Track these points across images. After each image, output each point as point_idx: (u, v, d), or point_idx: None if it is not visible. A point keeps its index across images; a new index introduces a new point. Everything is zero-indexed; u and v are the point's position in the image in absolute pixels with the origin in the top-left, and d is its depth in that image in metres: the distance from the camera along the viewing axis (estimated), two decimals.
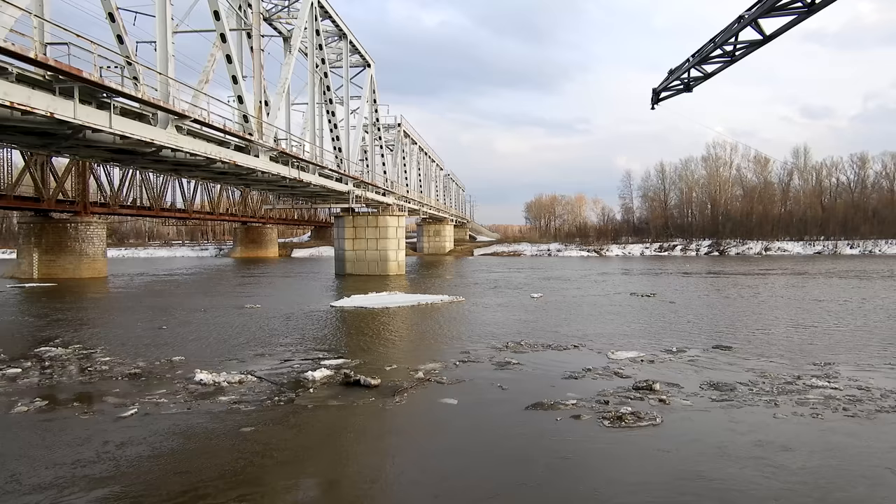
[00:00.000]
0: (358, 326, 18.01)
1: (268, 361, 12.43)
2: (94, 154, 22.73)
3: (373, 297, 25.87)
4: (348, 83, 41.24)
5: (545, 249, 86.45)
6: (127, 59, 18.96)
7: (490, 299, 25.36)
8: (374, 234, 43.12)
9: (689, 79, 18.24)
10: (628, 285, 32.34)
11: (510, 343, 14.20)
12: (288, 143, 30.59)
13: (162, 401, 9.49)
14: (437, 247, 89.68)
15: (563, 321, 18.45)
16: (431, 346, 14.49)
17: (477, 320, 18.88)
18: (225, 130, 23.27)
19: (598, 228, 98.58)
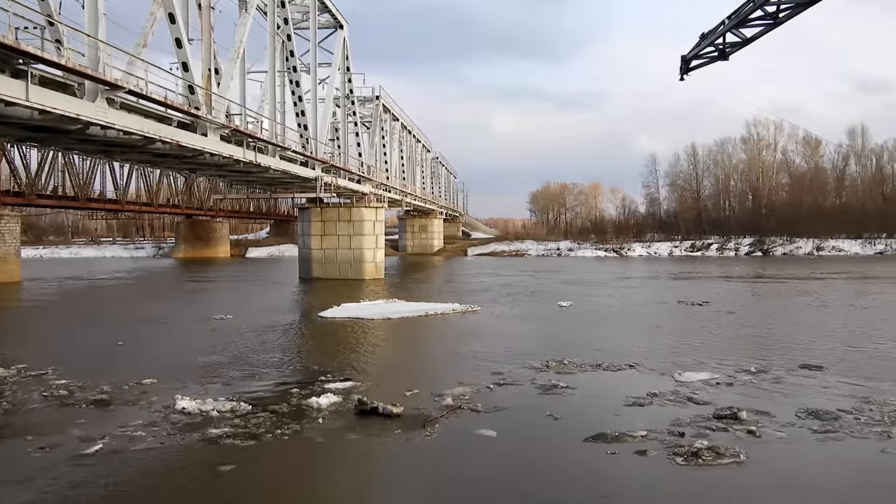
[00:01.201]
0: (358, 342, 18.20)
1: (259, 384, 12.49)
2: (7, 132, 22.63)
3: (368, 305, 26.24)
4: (316, 48, 41.24)
5: (554, 249, 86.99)
6: (48, 18, 18.93)
7: (508, 308, 25.75)
8: (347, 230, 43.23)
9: (724, 45, 18.36)
10: (668, 292, 32.97)
11: (551, 362, 14.38)
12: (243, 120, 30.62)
13: (138, 434, 9.19)
14: (424, 245, 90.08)
15: (606, 335, 18.72)
16: (455, 365, 14.56)
17: (503, 334, 19.12)
18: (166, 104, 23.23)
19: (618, 223, 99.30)
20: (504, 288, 35.63)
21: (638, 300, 29.02)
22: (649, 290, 34.66)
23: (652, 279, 42.49)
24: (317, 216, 43.17)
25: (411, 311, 24.11)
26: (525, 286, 36.81)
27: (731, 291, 33.04)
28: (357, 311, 24.41)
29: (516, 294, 32.05)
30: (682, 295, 30.67)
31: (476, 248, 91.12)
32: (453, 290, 34.34)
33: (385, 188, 55.32)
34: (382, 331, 20.39)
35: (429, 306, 25.40)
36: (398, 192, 62.41)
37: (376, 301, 27.85)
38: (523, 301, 28.72)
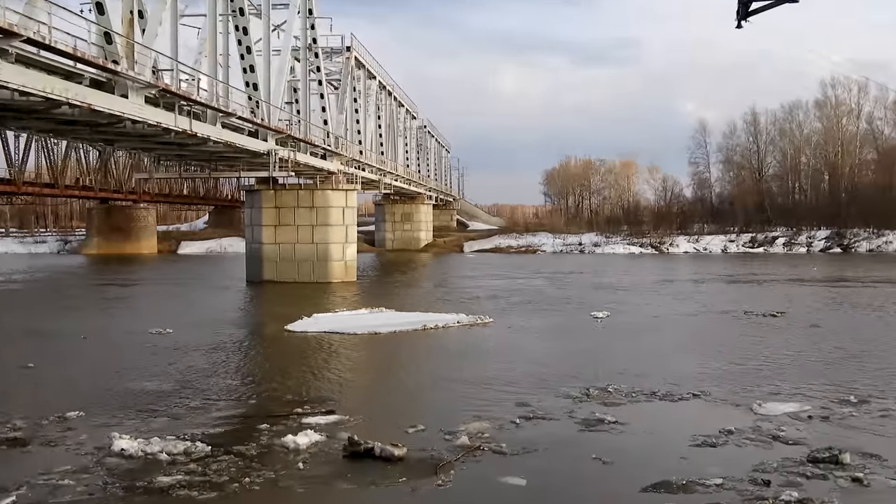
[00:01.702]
0: (341, 363, 18.39)
1: (218, 418, 12.62)
2: None
3: (348, 316, 26.76)
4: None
5: (575, 243, 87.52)
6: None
7: (526, 320, 26.14)
8: (309, 219, 43.42)
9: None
10: (729, 299, 33.25)
11: (592, 389, 14.66)
12: (174, 78, 30.50)
13: (64, 482, 8.99)
14: (408, 239, 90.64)
15: (658, 355, 18.91)
16: (468, 393, 14.49)
17: (524, 353, 19.30)
18: (76, 56, 23.14)
19: (657, 211, 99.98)
20: (515, 294, 35.96)
21: (691, 310, 29.37)
22: (704, 296, 34.98)
23: (705, 282, 42.94)
24: (270, 201, 43.36)
25: (404, 323, 24.45)
26: (543, 292, 37.16)
27: (811, 299, 33.37)
28: (335, 323, 24.71)
29: (533, 302, 32.39)
30: (747, 303, 30.99)
31: (475, 242, 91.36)
32: (450, 298, 34.66)
33: (358, 165, 55.29)
34: (370, 349, 20.61)
35: (426, 317, 25.78)
36: (375, 170, 62.41)
37: (358, 311, 28.27)
38: (544, 311, 29.08)
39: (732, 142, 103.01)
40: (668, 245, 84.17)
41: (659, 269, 56.59)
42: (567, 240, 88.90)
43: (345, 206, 44.22)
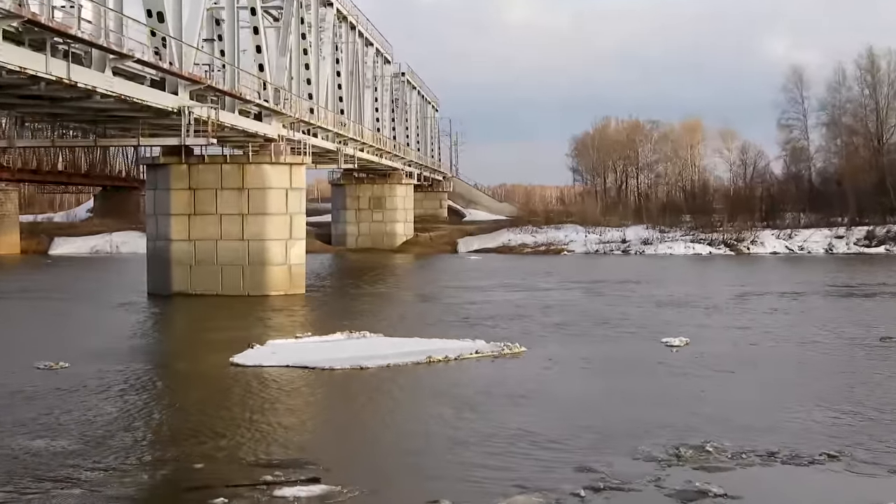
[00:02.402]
0: (317, 409, 18.69)
1: (149, 490, 12.91)
2: None
3: (317, 344, 27.30)
4: None
5: (616, 240, 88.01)
6: None
7: (573, 349, 26.52)
8: (238, 205, 43.46)
9: None
10: (850, 319, 33.46)
11: (683, 448, 14.98)
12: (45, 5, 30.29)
13: None
14: (378, 233, 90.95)
15: (767, 399, 19.18)
16: (505, 452, 14.85)
17: (578, 396, 19.56)
18: None
19: (734, 195, 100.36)
20: (547, 312, 36.15)
21: (802, 335, 29.55)
22: (815, 315, 35.08)
23: (810, 296, 43.20)
24: (181, 180, 43.45)
25: (400, 354, 24.86)
26: (585, 309, 37.47)
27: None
28: (300, 353, 25.11)
29: (575, 323, 32.68)
30: (883, 325, 31.11)
31: (474, 238, 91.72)
32: (451, 318, 34.92)
33: (308, 129, 55.05)
34: (357, 391, 20.79)
35: (431, 346, 26.25)
36: (332, 136, 62.11)
37: (331, 336, 28.69)
38: (594, 336, 29.45)
39: (841, 96, 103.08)
40: (748, 243, 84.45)
41: (740, 276, 56.74)
42: (605, 235, 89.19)
43: (289, 186, 44.24)
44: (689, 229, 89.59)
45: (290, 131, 49.65)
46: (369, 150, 76.38)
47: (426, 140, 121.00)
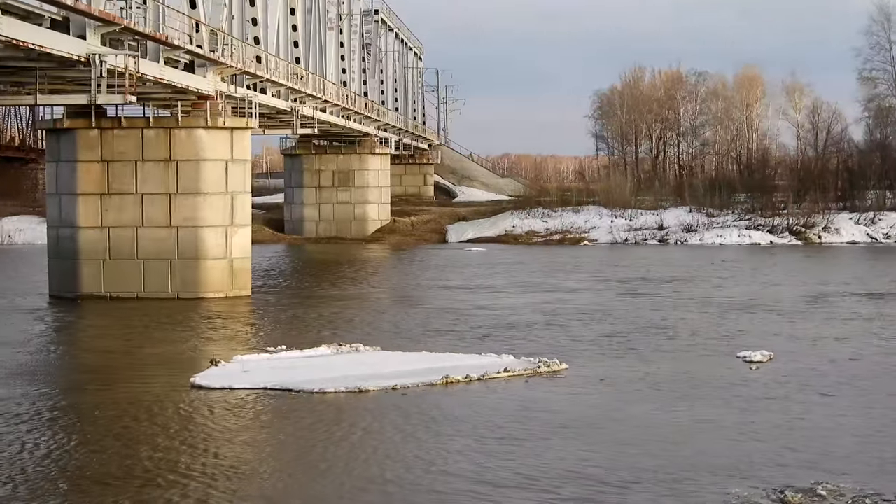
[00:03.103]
0: (299, 445, 18.75)
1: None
2: None
3: (293, 361, 27.60)
4: None
5: (652, 226, 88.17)
6: None
7: (627, 367, 26.84)
8: (164, 182, 43.39)
9: None
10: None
11: (788, 490, 15.37)
12: None
13: None
14: (345, 217, 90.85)
15: (880, 427, 19.63)
16: (553, 498, 15.20)
17: (644, 428, 19.80)
18: None
19: (801, 168, 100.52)
20: (583, 320, 36.60)
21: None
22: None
23: None
24: (91, 149, 43.33)
25: (408, 372, 25.19)
26: (629, 317, 37.85)
27: None
28: (279, 371, 25.55)
29: (621, 334, 33.06)
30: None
31: (468, 224, 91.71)
32: (460, 327, 35.28)
33: (254, 83, 54.88)
34: (356, 418, 20.88)
35: (446, 362, 26.66)
36: (285, 91, 61.89)
37: (317, 350, 29.07)
38: (647, 350, 29.80)
39: None
40: (819, 230, 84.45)
41: (815, 272, 57.35)
42: (637, 220, 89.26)
43: (229, 157, 44.23)
44: (743, 212, 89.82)
45: (230, 86, 49.49)
46: (333, 111, 76.17)
47: (407, 97, 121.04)
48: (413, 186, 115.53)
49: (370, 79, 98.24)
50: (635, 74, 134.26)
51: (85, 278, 43.30)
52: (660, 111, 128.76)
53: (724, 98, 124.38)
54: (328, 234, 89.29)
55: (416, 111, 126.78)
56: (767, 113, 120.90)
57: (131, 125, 43.68)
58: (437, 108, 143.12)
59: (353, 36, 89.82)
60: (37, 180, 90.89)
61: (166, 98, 45.10)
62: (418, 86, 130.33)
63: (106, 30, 38.70)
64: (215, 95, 46.29)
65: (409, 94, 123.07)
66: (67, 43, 37.40)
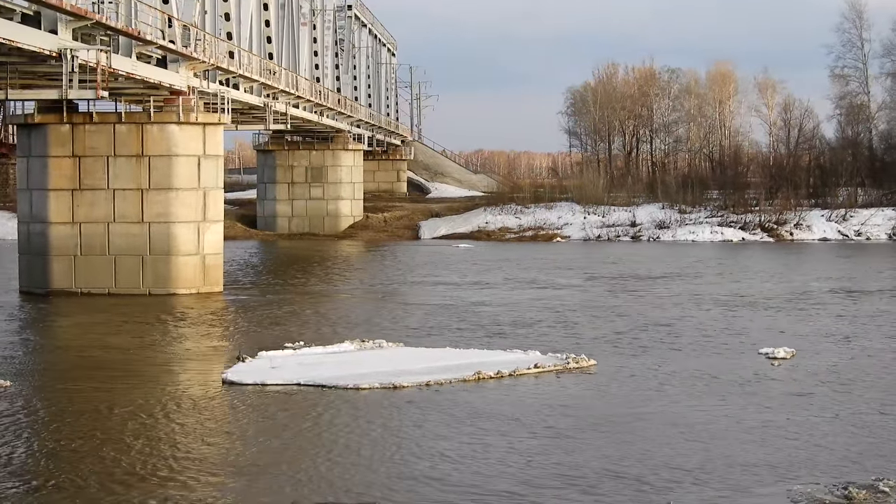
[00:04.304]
0: (348, 439, 18.94)
1: None
2: None
3: (318, 356, 28.03)
4: None
5: (625, 222, 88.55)
6: None
7: (651, 362, 27.45)
8: (136, 178, 43.29)
9: None
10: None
11: (852, 486, 15.60)
12: None
13: None
14: (318, 213, 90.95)
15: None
16: (613, 493, 15.49)
17: (688, 424, 20.06)
18: None
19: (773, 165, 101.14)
20: (592, 317, 37.03)
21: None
22: None
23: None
24: (63, 144, 43.31)
25: (439, 368, 25.65)
26: (637, 314, 38.31)
27: None
28: (308, 367, 25.95)
29: (635, 331, 33.59)
30: None
31: (441, 220, 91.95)
32: (463, 324, 35.54)
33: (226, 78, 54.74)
34: (398, 414, 21.13)
35: (473, 358, 27.15)
36: (258, 87, 61.77)
37: (341, 346, 29.49)
38: (668, 346, 30.35)
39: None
40: (791, 226, 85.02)
41: (802, 268, 57.91)
42: (610, 216, 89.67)
43: (202, 153, 44.24)
44: (716, 209, 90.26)
45: (203, 81, 49.40)
46: (306, 107, 76.11)
47: (380, 93, 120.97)
48: (386, 182, 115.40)
49: (343, 75, 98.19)
50: (608, 71, 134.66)
51: (56, 274, 43.24)
52: (633, 108, 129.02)
53: (697, 95, 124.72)
54: (301, 230, 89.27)
55: (390, 107, 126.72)
56: (740, 110, 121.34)
57: (103, 120, 43.56)
58: (410, 105, 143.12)
59: (326, 31, 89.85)
60: (8, 175, 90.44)
61: (138, 93, 44.97)
62: (391, 82, 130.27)
63: (77, 24, 38.58)
64: (188, 91, 46.20)
65: (383, 90, 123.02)
66: (39, 37, 37.26)
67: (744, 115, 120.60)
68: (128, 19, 41.71)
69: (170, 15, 45.99)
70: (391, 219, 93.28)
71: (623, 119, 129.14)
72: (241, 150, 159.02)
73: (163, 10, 45.69)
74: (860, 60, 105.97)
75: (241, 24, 59.46)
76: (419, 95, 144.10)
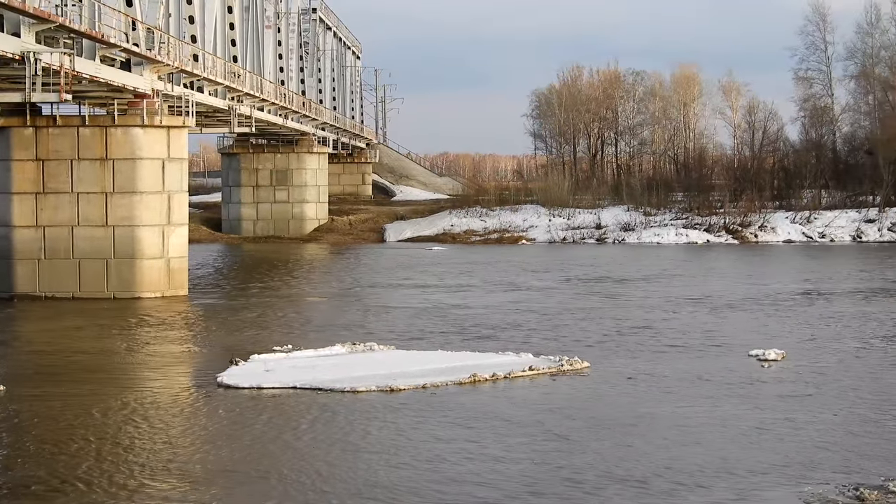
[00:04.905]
0: (347, 443, 18.98)
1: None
2: None
3: (313, 359, 28.20)
4: None
5: (590, 224, 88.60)
6: None
7: (644, 365, 27.75)
8: (100, 181, 43.24)
9: None
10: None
11: (862, 488, 15.96)
12: None
13: None
14: (283, 216, 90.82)
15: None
16: (639, 494, 15.64)
17: (694, 426, 20.31)
18: None
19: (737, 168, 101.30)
20: (577, 320, 37.20)
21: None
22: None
23: (877, 296, 44.95)
24: (26, 148, 43.14)
25: (434, 371, 25.70)
26: (620, 316, 38.57)
27: None
28: (303, 371, 26.07)
29: (622, 334, 33.80)
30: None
31: (406, 223, 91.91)
32: (447, 328, 35.61)
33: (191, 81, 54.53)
34: (400, 417, 21.17)
35: (466, 360, 27.27)
36: (223, 90, 61.60)
37: (331, 349, 29.63)
38: (657, 349, 30.64)
39: (873, 42, 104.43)
40: (755, 228, 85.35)
41: (773, 271, 58.59)
42: (575, 219, 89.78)
43: (166, 156, 44.11)
44: (681, 211, 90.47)
45: (167, 84, 49.27)
46: (271, 110, 75.98)
47: (345, 96, 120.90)
48: (351, 185, 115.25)
49: (308, 77, 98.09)
50: (573, 73, 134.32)
51: (20, 278, 43.10)
52: (598, 110, 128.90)
53: (662, 97, 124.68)
54: (266, 233, 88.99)
55: (355, 110, 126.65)
56: (704, 112, 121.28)
57: (67, 124, 43.44)
58: (375, 107, 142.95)
59: (290, 34, 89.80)
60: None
61: (102, 96, 44.85)
62: (356, 84, 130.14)
63: (41, 27, 38.46)
64: (152, 94, 46.08)
65: (348, 92, 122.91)
66: (1, 40, 37.10)
67: (708, 118, 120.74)
68: (91, 22, 41.60)
69: (133, 18, 45.86)
70: (356, 222, 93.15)
71: (588, 121, 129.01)
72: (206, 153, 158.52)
73: (126, 13, 45.56)
74: (824, 63, 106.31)
75: (205, 27, 59.40)
76: (384, 98, 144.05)
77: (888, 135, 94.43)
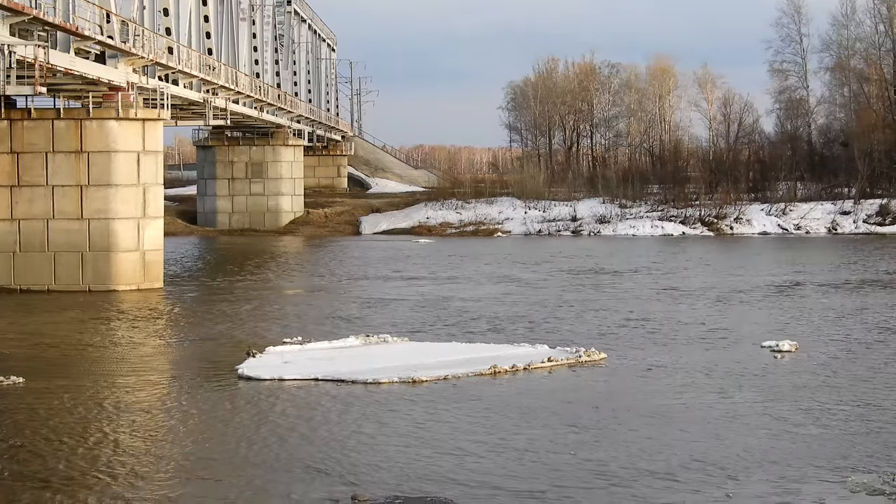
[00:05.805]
0: (388, 433, 19.08)
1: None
2: None
3: (330, 351, 28.48)
4: None
5: (565, 217, 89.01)
6: None
7: (659, 356, 27.98)
8: (75, 174, 43.21)
9: None
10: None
11: (891, 479, 16.01)
12: None
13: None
14: (258, 209, 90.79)
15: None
16: (682, 480, 15.93)
17: (722, 415, 20.54)
18: None
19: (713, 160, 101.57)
20: (580, 313, 37.28)
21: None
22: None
23: (869, 287, 45.42)
24: (2, 141, 42.96)
25: (454, 363, 26.02)
26: (620, 308, 38.71)
27: None
28: (322, 362, 26.44)
29: (627, 325, 34.05)
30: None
31: (382, 216, 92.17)
32: (450, 320, 35.74)
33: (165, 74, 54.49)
34: (427, 409, 21.24)
35: (484, 352, 27.57)
36: (198, 82, 61.45)
37: (346, 341, 29.86)
38: (668, 340, 30.89)
39: (849, 34, 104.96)
40: (731, 220, 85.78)
41: (750, 261, 58.88)
42: (550, 211, 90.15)
43: (141, 149, 44.06)
44: (656, 203, 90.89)
45: (142, 77, 49.21)
46: (246, 102, 75.83)
47: (320, 89, 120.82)
48: (327, 178, 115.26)
49: (283, 70, 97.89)
50: (549, 66, 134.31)
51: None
52: (573, 103, 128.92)
53: (637, 90, 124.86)
54: (241, 225, 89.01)
55: (330, 102, 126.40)
56: (680, 105, 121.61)
57: (41, 116, 43.38)
58: (350, 100, 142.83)
59: (265, 27, 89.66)
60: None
61: (77, 89, 44.76)
62: (332, 77, 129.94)
63: (14, 20, 38.38)
64: (127, 87, 46.02)
65: (323, 85, 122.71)
66: None
67: (684, 110, 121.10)
68: (65, 14, 41.59)
69: (108, 10, 45.78)
70: (332, 214, 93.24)
71: (563, 114, 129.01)
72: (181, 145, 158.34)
73: (101, 6, 45.47)
74: (799, 55, 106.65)
75: (179, 19, 59.31)
76: (359, 91, 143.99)
77: (863, 127, 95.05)
